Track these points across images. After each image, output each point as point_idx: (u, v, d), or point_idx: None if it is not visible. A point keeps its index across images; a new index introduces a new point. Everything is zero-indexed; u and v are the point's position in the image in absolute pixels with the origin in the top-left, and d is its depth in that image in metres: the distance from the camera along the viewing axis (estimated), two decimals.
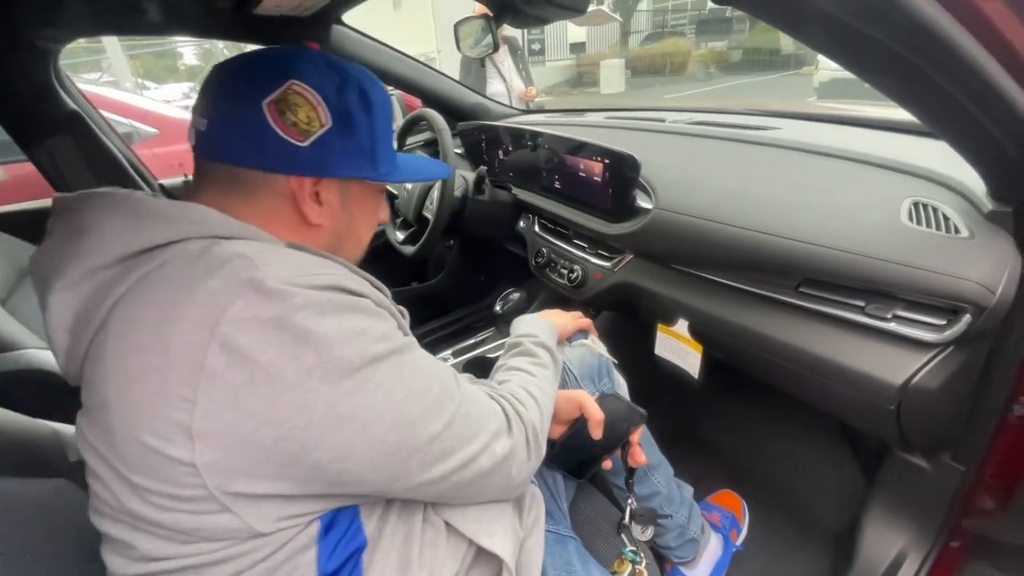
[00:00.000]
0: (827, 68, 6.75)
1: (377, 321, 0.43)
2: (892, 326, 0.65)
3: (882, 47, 0.41)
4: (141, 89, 7.56)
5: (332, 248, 0.51)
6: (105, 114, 1.40)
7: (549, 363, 0.68)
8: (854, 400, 0.74)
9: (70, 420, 0.54)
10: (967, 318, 0.59)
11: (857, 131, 1.02)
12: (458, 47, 1.04)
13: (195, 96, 0.50)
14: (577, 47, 15.16)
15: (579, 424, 0.67)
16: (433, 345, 1.71)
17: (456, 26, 1.02)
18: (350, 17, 1.30)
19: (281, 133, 0.46)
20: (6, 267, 1.04)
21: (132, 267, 0.41)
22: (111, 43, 7.14)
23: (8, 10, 0.98)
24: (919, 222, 0.66)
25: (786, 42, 12.04)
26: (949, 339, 0.61)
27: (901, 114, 1.07)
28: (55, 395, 0.53)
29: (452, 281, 1.85)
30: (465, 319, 1.83)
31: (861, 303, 0.68)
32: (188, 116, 0.49)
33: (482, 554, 0.55)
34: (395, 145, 0.56)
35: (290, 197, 0.48)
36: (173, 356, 0.37)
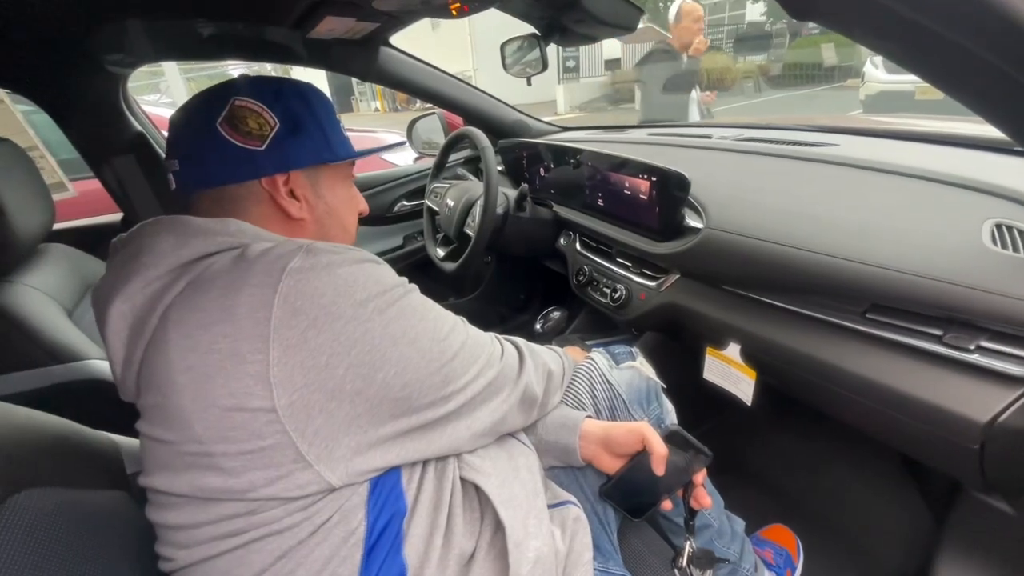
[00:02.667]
0: (874, 81, 6.50)
1: (386, 269, 0.51)
2: (975, 358, 0.60)
3: (967, 55, 0.39)
4: None
5: (320, 237, 0.59)
6: (166, 133, 1.48)
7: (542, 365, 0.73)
8: (929, 437, 0.69)
9: (128, 433, 0.56)
10: None
11: (920, 147, 0.97)
12: (504, 66, 1.04)
13: None
14: (612, 63, 15.19)
15: (640, 458, 0.64)
16: None
17: (503, 46, 1.03)
18: (395, 38, 1.34)
19: (239, 144, 0.52)
20: (73, 280, 1.10)
21: (180, 275, 0.47)
22: (169, 67, 7.60)
23: (85, 38, 1.04)
24: (1004, 246, 0.61)
25: (828, 56, 11.72)
26: None
27: (967, 128, 1.02)
28: (116, 407, 0.54)
29: (489, 298, 1.85)
30: (503, 336, 1.82)
31: (938, 332, 0.63)
32: None
33: (498, 533, 0.55)
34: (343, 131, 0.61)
35: (268, 199, 0.55)
36: (240, 319, 0.42)
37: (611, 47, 14.80)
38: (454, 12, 0.87)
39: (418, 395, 0.49)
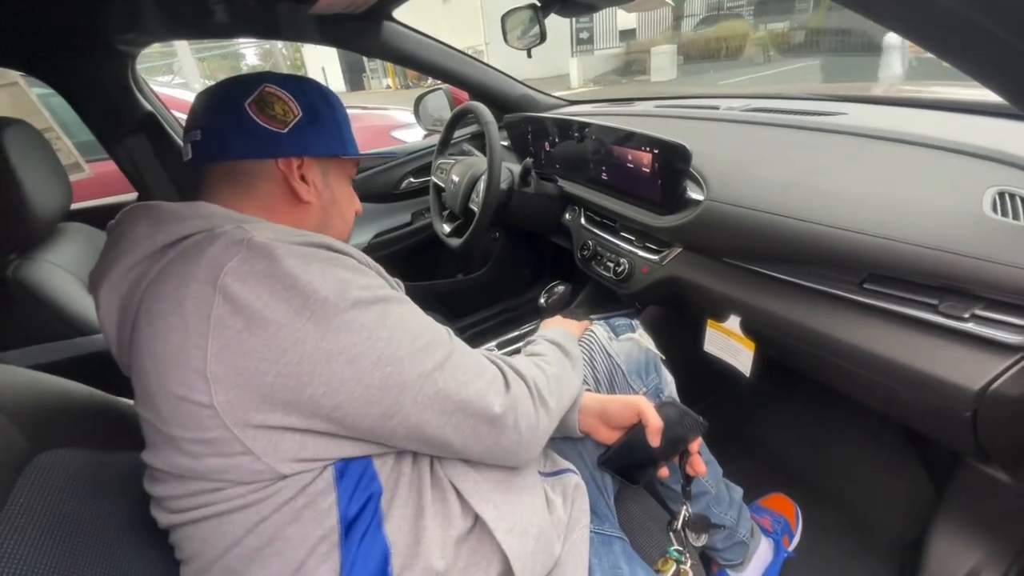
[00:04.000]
0: (899, 48, 6.22)
1: (360, 275, 0.48)
2: (970, 326, 0.60)
3: (964, 21, 0.38)
4: None
5: (322, 224, 0.60)
6: (176, 114, 1.50)
7: (553, 350, 0.69)
8: (924, 406, 0.69)
9: None
10: None
11: (931, 114, 0.94)
12: (505, 39, 1.03)
13: None
14: (627, 34, 14.74)
15: (636, 430, 0.66)
16: (477, 336, 1.73)
17: (503, 18, 1.02)
18: (401, 13, 1.33)
19: (264, 124, 0.55)
20: (92, 257, 1.13)
21: (157, 259, 0.48)
22: (181, 47, 7.60)
23: (93, 17, 1.06)
24: (1004, 213, 0.60)
25: (854, 21, 11.23)
26: None
27: (981, 94, 0.99)
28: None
29: (497, 273, 1.86)
30: (510, 311, 1.84)
31: (934, 301, 0.63)
32: None
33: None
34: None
35: (280, 179, 0.56)
36: (188, 313, 0.43)
37: (626, 17, 14.35)
38: None
39: (354, 418, 0.46)
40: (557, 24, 1.15)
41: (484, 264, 1.87)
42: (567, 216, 1.38)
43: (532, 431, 0.55)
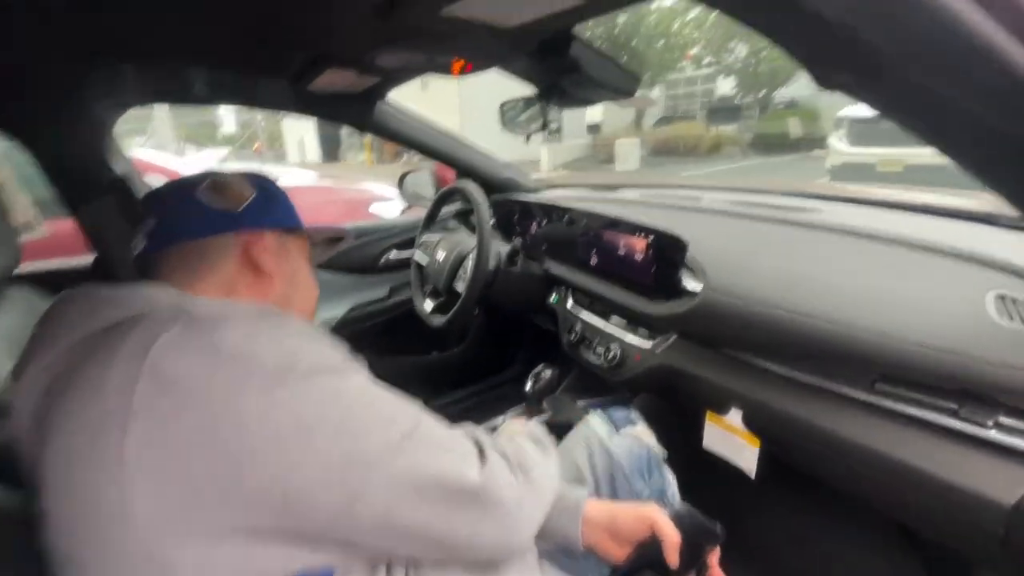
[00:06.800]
0: (838, 152, 6.93)
1: (314, 343, 0.43)
2: (994, 434, 0.58)
3: (992, 131, 0.38)
4: (182, 153, 8.03)
5: (285, 299, 0.57)
6: (148, 178, 1.44)
7: (523, 437, 0.62)
8: (946, 517, 0.65)
9: None
10: None
11: (906, 216, 0.99)
12: (503, 125, 1.05)
13: (231, 161, 0.58)
14: (593, 128, 15.97)
15: (649, 546, 0.59)
16: (456, 417, 1.64)
17: (502, 105, 1.04)
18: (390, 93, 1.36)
19: (219, 207, 0.54)
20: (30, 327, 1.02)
21: (86, 346, 0.42)
22: (160, 109, 7.68)
23: (74, 81, 1.02)
24: (1012, 318, 0.60)
25: (794, 128, 12.54)
26: None
27: (948, 201, 1.05)
28: None
29: (474, 351, 1.80)
30: (489, 391, 1.76)
31: (954, 406, 0.61)
32: None
33: None
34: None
35: (239, 254, 0.54)
36: (108, 397, 0.37)
37: (593, 112, 15.61)
38: (457, 71, 0.88)
39: (311, 508, 0.38)
40: None
41: (461, 341, 1.81)
42: (553, 298, 1.36)
43: (518, 505, 0.48)
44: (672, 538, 0.58)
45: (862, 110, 6.91)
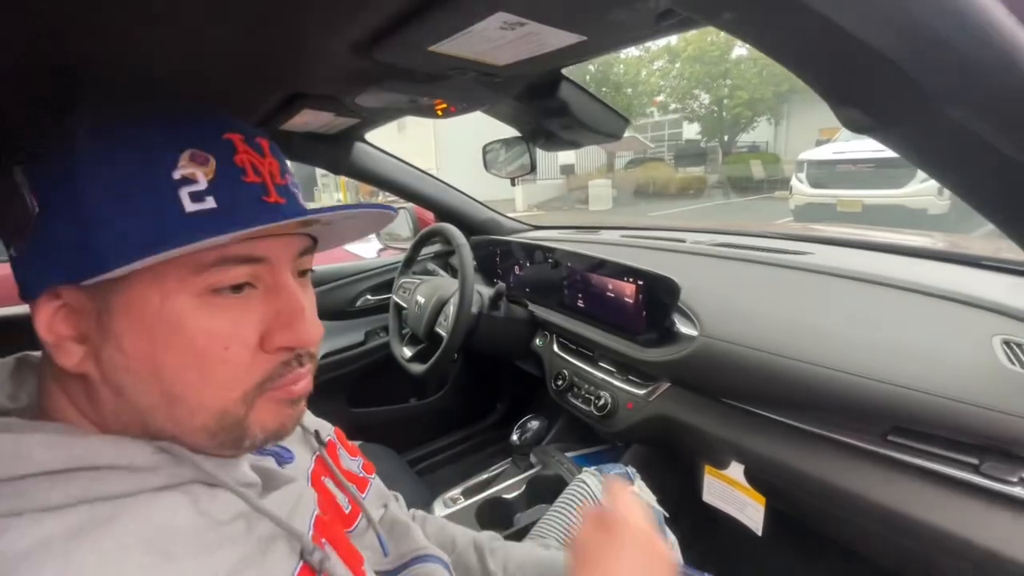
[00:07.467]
0: (800, 193, 7.25)
1: (176, 562, 0.28)
2: (1019, 491, 0.54)
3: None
4: None
5: (132, 415, 0.33)
6: None
7: None
8: None
9: None
10: None
11: (893, 259, 0.99)
12: (486, 168, 1.03)
13: None
14: (567, 168, 16.41)
15: None
16: (438, 467, 1.56)
17: (485, 148, 1.02)
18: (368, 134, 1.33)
19: (8, 246, 0.34)
20: None
21: None
22: None
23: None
24: (1021, 364, 0.58)
25: (757, 170, 13.17)
26: None
27: (917, 241, 1.06)
28: None
29: (454, 398, 1.72)
30: (471, 440, 1.67)
31: (974, 460, 0.57)
32: None
33: None
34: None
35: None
36: None
37: (566, 153, 16.07)
38: (439, 113, 0.86)
39: None
40: None
41: (440, 388, 1.73)
42: (537, 342, 1.31)
43: None
44: None
45: (820, 153, 7.32)
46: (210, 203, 0.32)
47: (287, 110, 0.92)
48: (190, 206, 0.31)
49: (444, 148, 13.51)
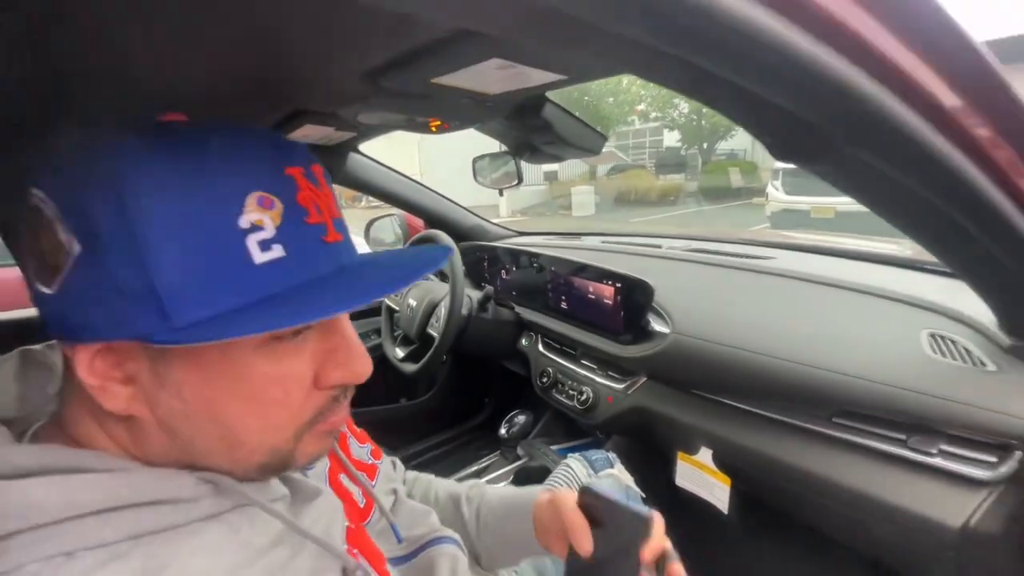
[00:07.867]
0: (776, 200, 7.50)
1: None
2: (938, 461, 0.63)
3: (932, 207, 0.44)
4: None
5: (182, 452, 0.33)
6: None
7: None
8: (903, 542, 0.70)
9: None
10: (1019, 455, 0.58)
11: (847, 263, 1.09)
12: (476, 178, 1.10)
13: None
14: (550, 175, 16.58)
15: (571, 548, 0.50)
16: (428, 466, 1.61)
17: (475, 160, 1.10)
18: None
19: (31, 276, 0.31)
20: None
21: None
22: None
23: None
24: (944, 354, 0.67)
25: (735, 178, 13.51)
26: (1004, 476, 0.59)
27: (884, 248, 1.17)
28: None
29: (444, 398, 1.78)
30: (460, 438, 1.73)
31: (902, 436, 0.66)
32: None
33: None
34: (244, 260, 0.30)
35: (75, 378, 0.30)
36: None
37: None
38: (433, 129, 0.93)
39: None
40: None
41: (430, 389, 1.78)
42: (523, 342, 1.39)
43: None
44: (575, 523, 0.48)
45: None
46: (278, 251, 0.30)
47: (289, 124, 0.98)
48: (259, 256, 0.29)
49: (427, 154, 13.57)
